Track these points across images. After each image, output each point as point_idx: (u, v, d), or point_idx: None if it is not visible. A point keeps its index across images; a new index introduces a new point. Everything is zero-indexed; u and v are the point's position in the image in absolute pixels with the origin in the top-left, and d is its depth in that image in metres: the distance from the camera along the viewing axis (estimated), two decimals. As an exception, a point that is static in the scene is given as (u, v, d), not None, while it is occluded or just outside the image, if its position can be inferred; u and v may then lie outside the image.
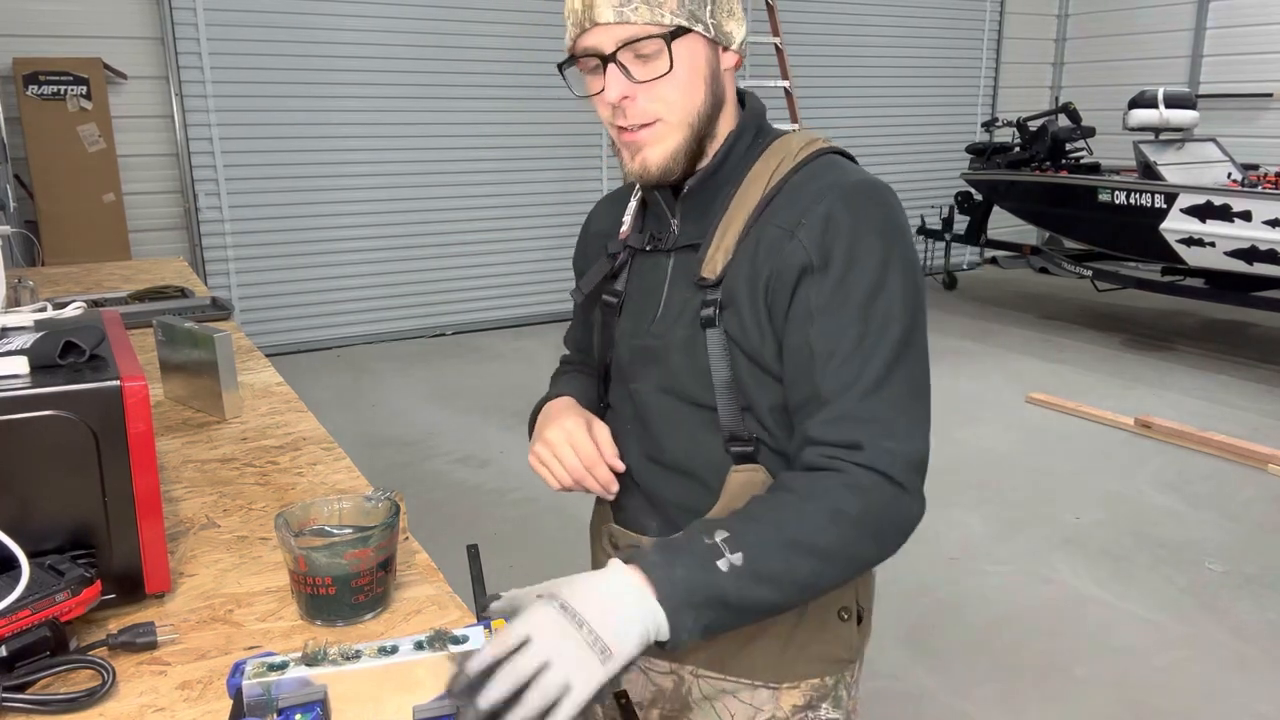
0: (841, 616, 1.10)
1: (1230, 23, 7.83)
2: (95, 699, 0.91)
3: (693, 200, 1.06)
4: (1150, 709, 2.57)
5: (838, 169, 1.03)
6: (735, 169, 1.05)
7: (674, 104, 0.99)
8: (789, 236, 0.98)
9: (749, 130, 1.06)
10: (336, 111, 6.04)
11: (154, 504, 1.04)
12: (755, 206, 1.01)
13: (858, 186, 0.99)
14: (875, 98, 8.22)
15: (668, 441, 1.07)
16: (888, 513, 0.93)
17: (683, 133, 1.00)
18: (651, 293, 1.09)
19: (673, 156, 1.01)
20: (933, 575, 3.29)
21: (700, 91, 1.00)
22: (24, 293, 2.25)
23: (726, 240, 1.02)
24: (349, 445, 1.75)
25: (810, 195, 0.99)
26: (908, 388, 0.96)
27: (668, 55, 0.96)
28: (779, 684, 1.08)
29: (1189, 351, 6.13)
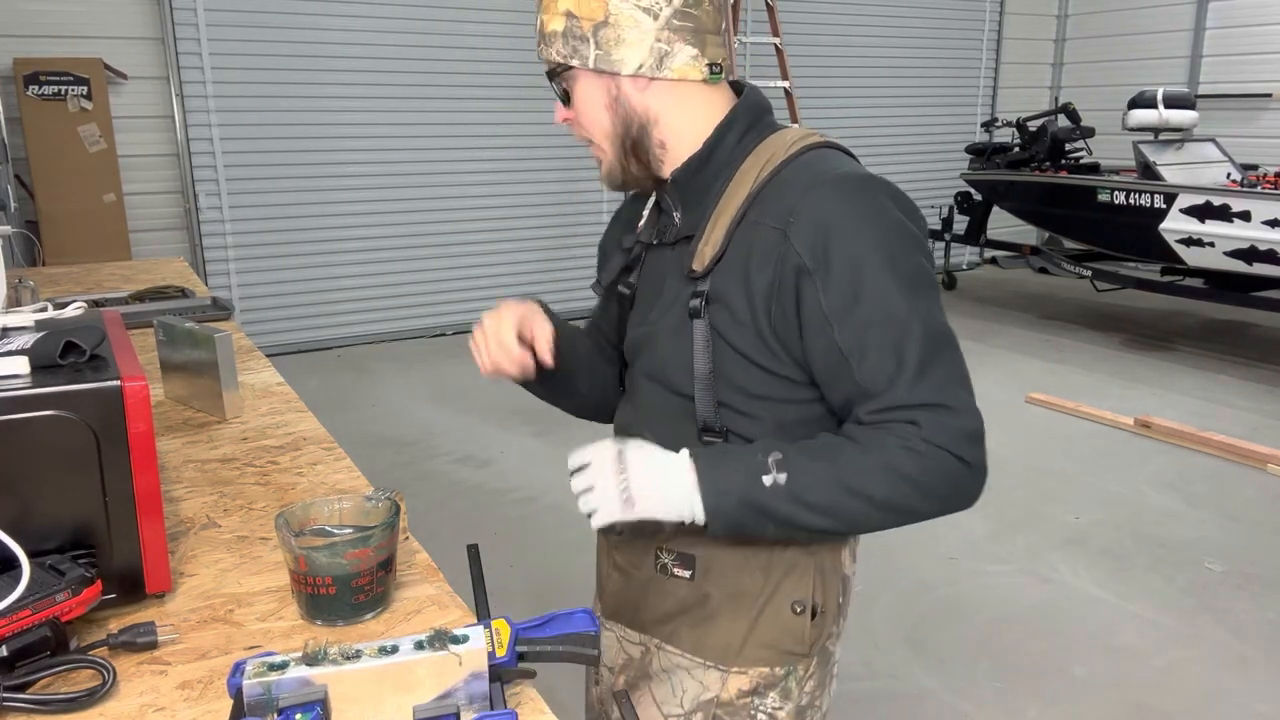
0: (794, 610, 1.11)
1: (1230, 23, 7.83)
2: (96, 699, 0.92)
3: (685, 192, 1.09)
4: (1150, 709, 2.57)
5: (826, 162, 1.03)
6: (726, 161, 1.07)
7: (588, 129, 1.09)
8: (782, 238, 0.98)
9: (739, 123, 1.07)
10: (337, 111, 6.04)
11: (154, 504, 1.04)
12: (744, 199, 1.03)
13: (844, 179, 1.00)
14: (875, 98, 8.22)
15: (650, 424, 1.12)
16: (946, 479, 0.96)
17: (612, 151, 1.09)
18: (656, 284, 1.13)
19: (611, 170, 1.11)
20: (933, 575, 3.29)
21: (604, 118, 1.07)
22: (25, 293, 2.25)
23: (715, 233, 1.04)
24: (349, 445, 1.75)
25: (797, 191, 0.99)
26: (948, 370, 0.98)
27: (571, 87, 1.07)
28: (728, 668, 1.12)
29: (1189, 351, 6.13)
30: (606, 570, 1.23)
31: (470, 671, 0.88)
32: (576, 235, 6.93)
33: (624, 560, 1.19)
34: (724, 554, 1.10)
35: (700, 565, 1.11)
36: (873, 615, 3.02)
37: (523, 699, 0.94)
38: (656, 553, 1.13)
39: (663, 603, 1.14)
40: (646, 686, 1.17)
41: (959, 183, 7.67)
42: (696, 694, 1.12)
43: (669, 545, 1.12)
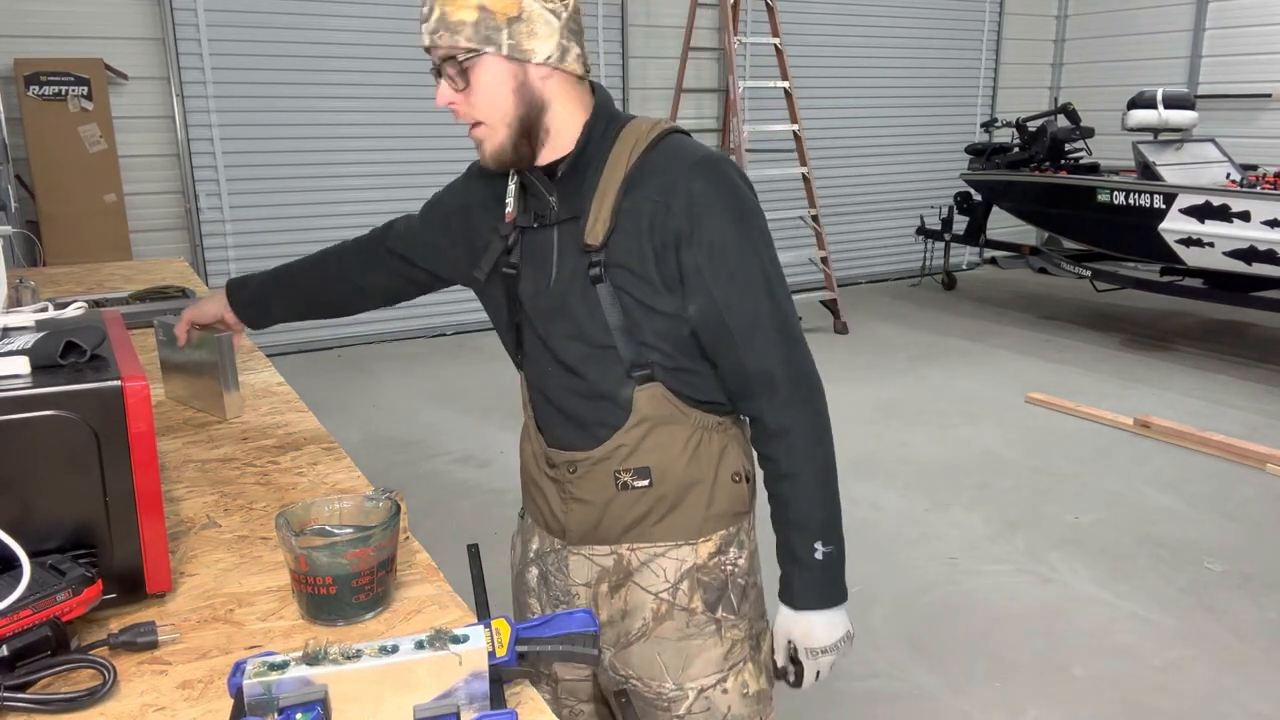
0: (734, 480, 1.35)
1: (1229, 23, 7.83)
2: (96, 698, 0.92)
3: (566, 182, 1.26)
4: (1149, 708, 2.57)
5: (687, 146, 1.26)
6: (596, 151, 1.25)
7: (485, 111, 1.20)
8: (665, 210, 1.21)
9: (602, 119, 1.26)
10: (337, 112, 6.05)
11: (155, 504, 1.05)
12: (621, 181, 1.22)
13: (706, 161, 1.24)
14: (875, 98, 8.22)
15: (584, 375, 1.29)
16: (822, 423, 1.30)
17: (503, 132, 1.21)
18: (544, 260, 1.29)
19: (500, 150, 1.22)
20: (933, 575, 3.29)
21: (508, 101, 1.19)
22: (25, 293, 2.25)
23: (603, 212, 1.23)
24: (349, 445, 1.75)
25: (672, 171, 1.22)
26: (788, 310, 1.27)
27: (476, 72, 1.17)
28: (695, 540, 1.33)
29: (1188, 351, 6.13)
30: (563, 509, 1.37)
31: (470, 671, 0.88)
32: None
33: (583, 492, 1.34)
34: (672, 458, 1.30)
35: (655, 473, 1.30)
36: (873, 615, 3.02)
37: (523, 699, 0.94)
38: (615, 474, 1.31)
39: (628, 513, 1.32)
40: (630, 582, 1.34)
41: (959, 183, 7.67)
42: (676, 568, 1.33)
43: (625, 465, 1.30)
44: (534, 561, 1.45)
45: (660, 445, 1.29)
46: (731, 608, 1.34)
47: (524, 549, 1.49)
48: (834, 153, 7.94)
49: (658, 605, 1.33)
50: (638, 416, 1.27)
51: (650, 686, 1.34)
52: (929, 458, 4.35)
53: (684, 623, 1.32)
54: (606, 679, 1.40)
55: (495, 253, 1.34)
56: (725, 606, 1.34)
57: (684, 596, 1.32)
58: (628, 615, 1.34)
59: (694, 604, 1.32)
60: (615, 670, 1.37)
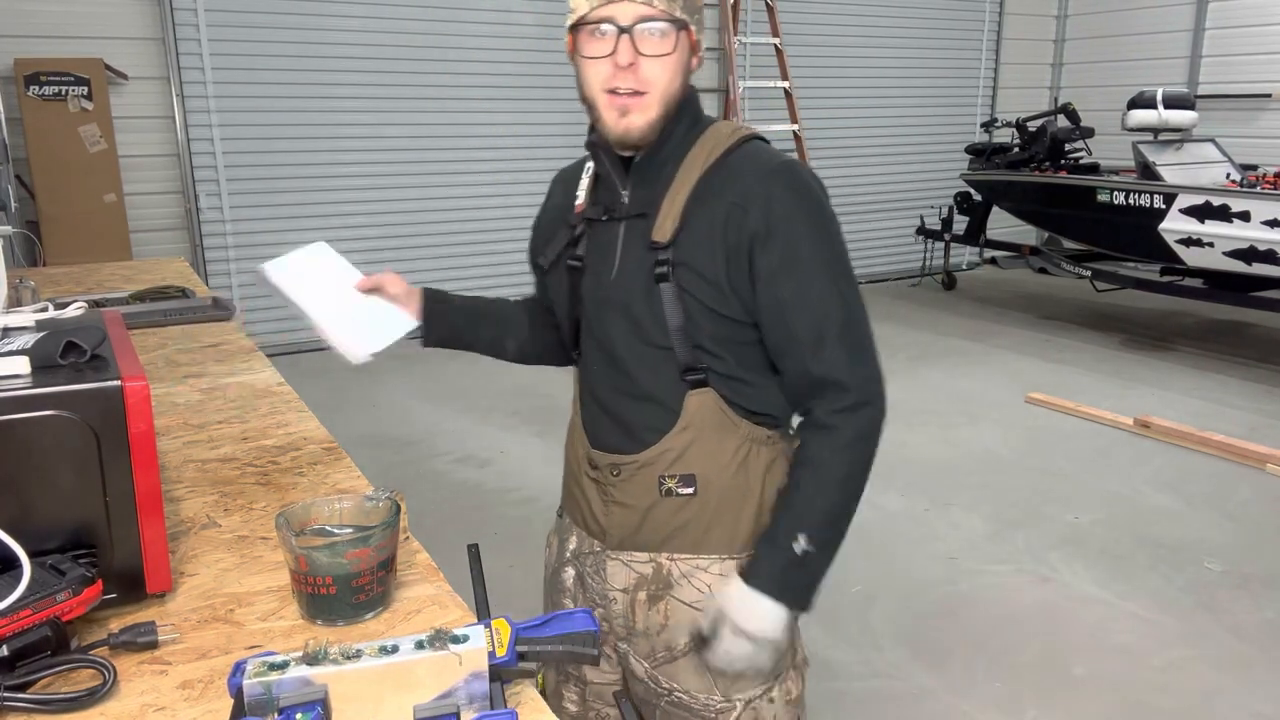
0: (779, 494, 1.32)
1: (1229, 23, 7.83)
2: (96, 698, 0.92)
3: (641, 173, 1.26)
4: (1149, 708, 2.57)
5: (766, 152, 1.27)
6: (676, 148, 1.26)
7: (659, 82, 1.20)
8: (742, 212, 1.20)
9: (687, 117, 1.27)
10: (337, 111, 6.05)
11: (155, 503, 1.05)
12: (696, 182, 1.23)
13: (787, 167, 1.24)
14: (875, 98, 8.22)
15: (636, 376, 1.28)
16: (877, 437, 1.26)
17: (659, 109, 1.21)
18: (607, 254, 1.29)
19: (650, 125, 1.21)
20: (933, 575, 3.29)
21: (679, 78, 1.22)
22: (25, 293, 2.25)
23: (674, 210, 1.23)
24: (349, 445, 1.75)
25: (753, 175, 1.22)
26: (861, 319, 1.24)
27: (674, 40, 1.18)
28: (739, 555, 1.31)
29: (1188, 351, 6.13)
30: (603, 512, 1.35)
31: (470, 671, 0.88)
32: (576, 235, 6.93)
33: (624, 495, 1.32)
34: (718, 467, 1.28)
35: (700, 481, 1.28)
36: (873, 615, 3.02)
37: (523, 699, 0.94)
38: (660, 479, 1.29)
39: (670, 520, 1.30)
40: (670, 595, 1.32)
41: (959, 183, 7.67)
42: (721, 585, 1.30)
43: (671, 471, 1.28)
44: (571, 561, 1.43)
45: (708, 454, 1.27)
46: None
47: (560, 548, 1.47)
48: (834, 153, 7.93)
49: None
50: (686, 422, 1.26)
51: (698, 699, 1.33)
52: (929, 458, 4.35)
53: None
54: (643, 688, 1.37)
55: (560, 242, 1.34)
56: None
57: None
58: (668, 630, 1.32)
59: None
60: (658, 683, 1.35)
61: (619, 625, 1.37)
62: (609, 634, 1.39)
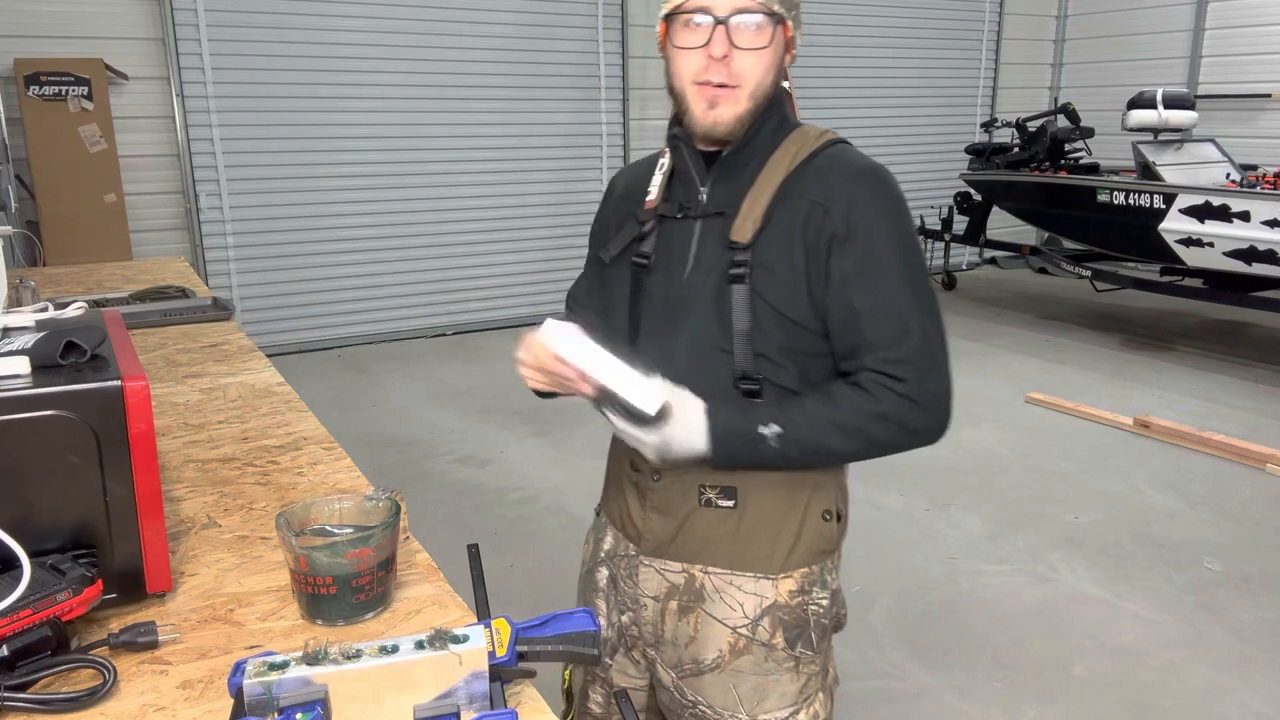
0: (825, 518, 1.30)
1: (1229, 23, 7.83)
2: (96, 698, 0.92)
3: (724, 170, 1.24)
4: (1149, 708, 2.57)
5: (853, 155, 1.25)
6: (762, 146, 1.23)
7: (751, 76, 1.18)
8: (825, 213, 1.18)
9: (775, 116, 1.24)
10: (337, 111, 6.04)
11: (155, 503, 1.05)
12: (780, 184, 1.20)
13: (872, 170, 1.22)
14: (875, 98, 8.22)
15: (689, 378, 1.21)
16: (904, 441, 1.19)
17: (750, 102, 1.19)
18: (679, 252, 1.26)
19: (739, 119, 1.20)
20: (933, 575, 3.29)
21: (772, 73, 1.20)
22: (25, 293, 2.25)
23: (755, 211, 1.20)
24: (349, 445, 1.75)
25: (835, 177, 1.20)
26: (938, 337, 1.21)
27: (769, 34, 1.17)
28: (777, 575, 1.28)
29: (1188, 351, 6.13)
30: (641, 516, 1.33)
31: (470, 671, 0.88)
32: (576, 235, 6.93)
33: (662, 502, 1.30)
34: (761, 481, 1.25)
35: (741, 494, 1.26)
36: (873, 615, 3.02)
37: (523, 699, 0.94)
38: (700, 489, 1.27)
39: (707, 531, 1.28)
40: (701, 609, 1.30)
41: (959, 183, 7.67)
42: (756, 604, 1.28)
43: (711, 481, 1.26)
44: (605, 562, 1.42)
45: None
46: (811, 645, 1.30)
47: (595, 547, 1.45)
48: (834, 153, 7.93)
49: (735, 640, 1.29)
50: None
51: (722, 715, 1.31)
52: (929, 458, 4.33)
53: (763, 657, 1.29)
54: (669, 697, 1.36)
55: (626, 237, 1.30)
56: (805, 643, 1.30)
57: (764, 633, 1.28)
58: (697, 643, 1.30)
59: (775, 640, 1.28)
60: (683, 695, 1.33)
61: (648, 632, 1.35)
62: (638, 639, 1.38)
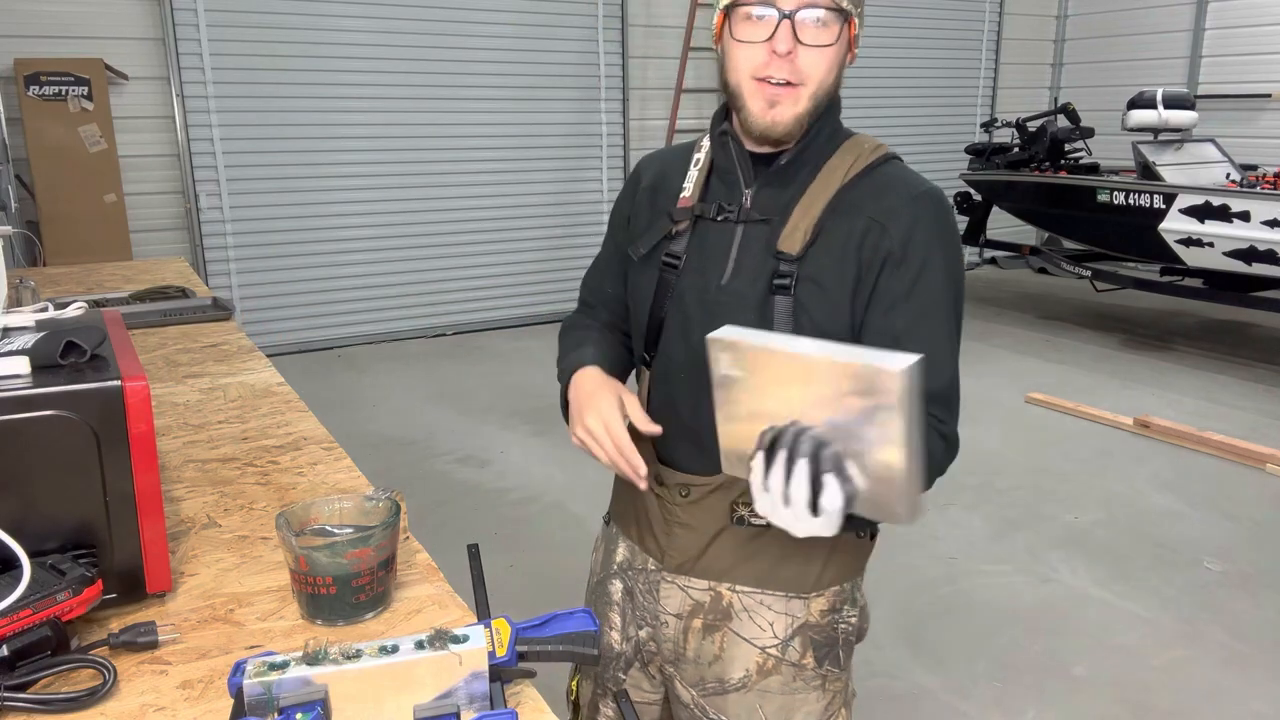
0: (858, 535, 1.27)
1: (1229, 23, 7.83)
2: (96, 698, 0.92)
3: (775, 175, 1.18)
4: (1149, 708, 2.57)
5: (912, 175, 1.20)
6: (816, 153, 1.18)
7: (815, 74, 1.13)
8: (882, 230, 1.13)
9: (831, 121, 1.20)
10: (337, 112, 6.04)
11: (155, 503, 1.05)
12: (833, 195, 1.15)
13: (933, 193, 1.18)
14: (875, 98, 8.21)
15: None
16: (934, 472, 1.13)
17: (811, 102, 1.14)
18: (717, 256, 1.20)
19: (799, 119, 1.14)
20: (933, 575, 3.29)
21: (835, 72, 1.15)
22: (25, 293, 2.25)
23: (805, 221, 1.15)
24: (349, 445, 1.75)
25: (896, 197, 1.15)
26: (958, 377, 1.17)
27: (837, 30, 1.12)
28: (808, 594, 1.26)
29: (1188, 351, 6.13)
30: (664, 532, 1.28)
31: (470, 671, 0.88)
32: (576, 235, 6.93)
33: (690, 517, 1.26)
34: None
35: None
36: (872, 615, 3.01)
37: (523, 699, 0.94)
38: (734, 505, 1.23)
39: (738, 549, 1.24)
40: (728, 628, 1.27)
41: (959, 183, 7.66)
42: (787, 624, 1.25)
43: (746, 497, 1.20)
44: (618, 574, 1.38)
45: None
46: (838, 663, 1.29)
47: (607, 557, 1.41)
48: (834, 153, 7.93)
49: (764, 660, 1.26)
50: None
51: None
52: (929, 458, 4.34)
53: (791, 677, 1.26)
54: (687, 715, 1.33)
55: (657, 234, 1.24)
56: (832, 661, 1.28)
57: (795, 653, 1.26)
58: (722, 661, 1.27)
59: (805, 660, 1.26)
60: (705, 712, 1.30)
61: (667, 649, 1.32)
62: (655, 655, 1.35)
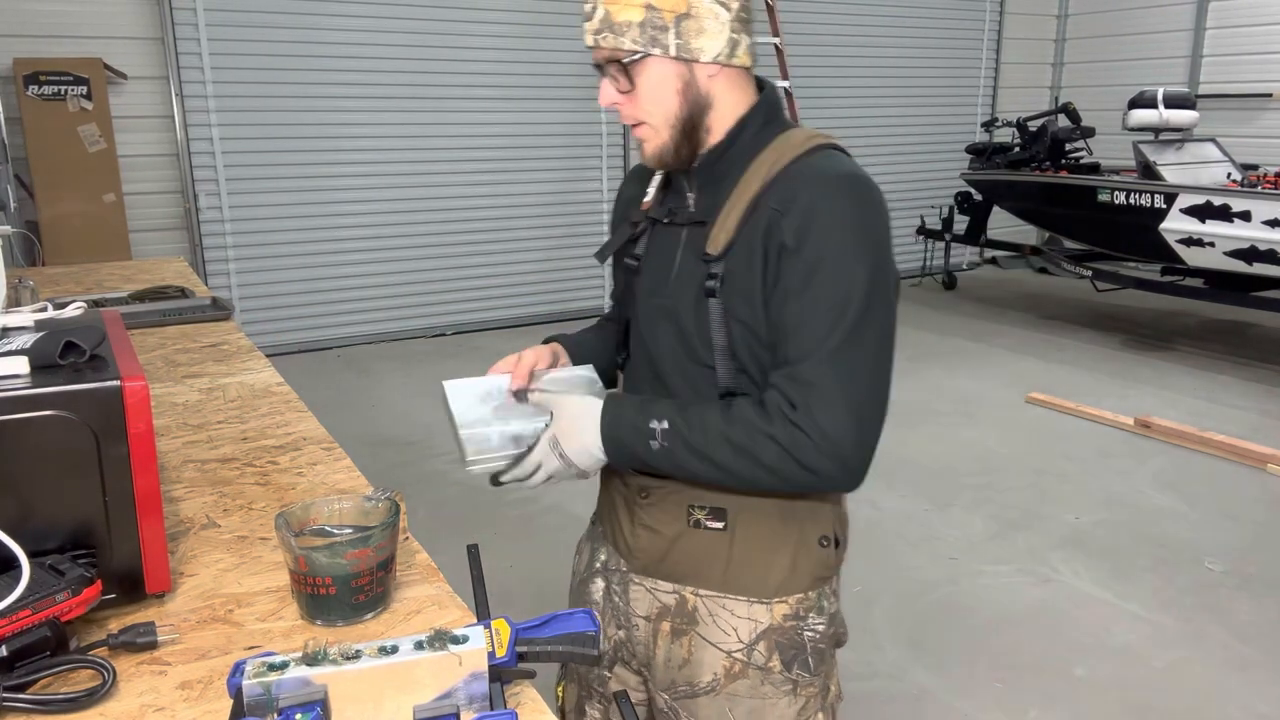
0: (822, 544, 1.26)
1: (1230, 23, 7.83)
2: (96, 699, 0.92)
3: (705, 176, 1.20)
4: (1150, 709, 2.57)
5: (832, 160, 1.15)
6: (744, 151, 1.17)
7: (649, 113, 1.15)
8: (779, 217, 1.11)
9: (757, 117, 1.18)
10: (337, 111, 6.04)
11: (154, 504, 1.04)
12: (756, 192, 1.14)
13: (840, 179, 1.12)
14: (875, 98, 8.21)
15: (678, 392, 1.22)
16: (796, 474, 1.10)
17: (666, 133, 1.16)
18: (666, 260, 1.23)
19: (662, 150, 1.17)
20: (933, 575, 3.29)
21: (673, 102, 1.15)
22: (24, 293, 2.25)
23: (729, 221, 1.15)
24: (349, 445, 1.75)
25: (800, 182, 1.12)
26: (858, 373, 1.09)
27: (637, 73, 1.13)
28: (771, 599, 1.25)
29: (1189, 351, 6.13)
30: (630, 532, 1.31)
31: (470, 671, 0.88)
32: (576, 235, 6.93)
33: (652, 520, 1.28)
34: (753, 504, 1.22)
35: (731, 516, 1.23)
36: (873, 615, 3.02)
37: (523, 699, 0.94)
38: (689, 509, 1.24)
39: (696, 553, 1.25)
40: (695, 633, 1.27)
41: (959, 183, 7.67)
42: (750, 628, 1.25)
43: (700, 501, 1.23)
44: (600, 574, 1.39)
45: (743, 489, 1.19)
46: (808, 668, 1.27)
47: (591, 557, 1.42)
48: (834, 152, 7.93)
49: (730, 664, 1.26)
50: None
51: None
52: (929, 458, 4.34)
53: (759, 680, 1.26)
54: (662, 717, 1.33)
55: (620, 239, 1.29)
56: (802, 666, 1.27)
57: (760, 656, 1.25)
58: (691, 665, 1.27)
59: (771, 664, 1.25)
60: (677, 716, 1.30)
61: (640, 652, 1.33)
62: (633, 658, 1.36)
